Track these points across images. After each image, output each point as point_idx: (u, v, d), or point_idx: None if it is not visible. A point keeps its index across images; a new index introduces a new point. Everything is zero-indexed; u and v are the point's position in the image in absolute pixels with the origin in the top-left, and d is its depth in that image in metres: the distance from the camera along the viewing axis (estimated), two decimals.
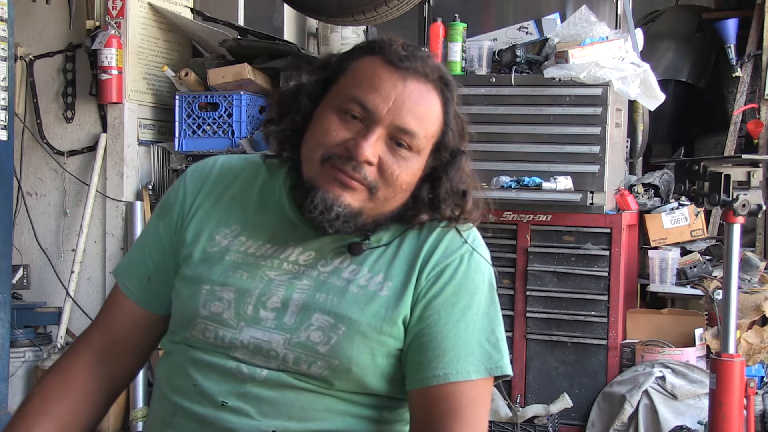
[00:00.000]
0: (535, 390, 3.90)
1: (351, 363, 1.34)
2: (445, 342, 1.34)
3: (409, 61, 1.34)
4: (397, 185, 1.35)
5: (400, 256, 1.39)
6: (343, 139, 1.33)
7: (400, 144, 1.34)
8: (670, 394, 3.59)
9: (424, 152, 1.37)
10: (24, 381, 4.22)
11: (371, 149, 1.32)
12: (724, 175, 2.83)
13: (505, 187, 3.79)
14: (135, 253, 1.53)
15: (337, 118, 1.34)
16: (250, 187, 1.47)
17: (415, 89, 1.34)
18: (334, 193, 1.32)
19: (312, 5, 3.89)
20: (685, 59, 5.06)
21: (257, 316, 1.36)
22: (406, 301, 1.36)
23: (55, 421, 1.44)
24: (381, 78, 1.34)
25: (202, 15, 4.76)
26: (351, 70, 1.37)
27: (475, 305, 1.37)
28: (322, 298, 1.35)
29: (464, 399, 1.33)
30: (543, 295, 3.89)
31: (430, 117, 1.35)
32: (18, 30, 4.14)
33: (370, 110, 1.32)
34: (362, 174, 1.32)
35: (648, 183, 4.24)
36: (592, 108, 3.80)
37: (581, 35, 3.90)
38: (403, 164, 1.34)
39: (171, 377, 1.42)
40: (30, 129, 4.48)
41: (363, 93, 1.33)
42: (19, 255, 4.39)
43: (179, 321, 1.43)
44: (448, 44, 4.07)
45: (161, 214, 1.50)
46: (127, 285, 1.50)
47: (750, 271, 3.85)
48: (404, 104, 1.33)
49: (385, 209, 1.37)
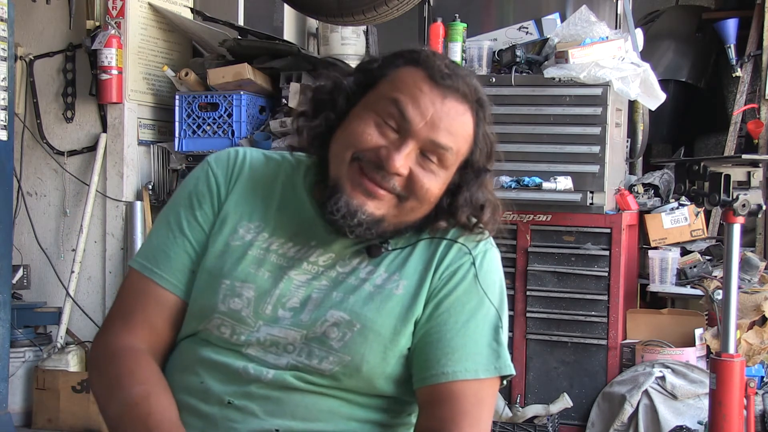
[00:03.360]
0: (535, 390, 3.90)
1: (363, 361, 1.35)
2: (454, 340, 1.36)
3: (450, 79, 1.36)
4: (425, 198, 1.37)
5: (415, 255, 1.41)
6: (377, 145, 1.34)
7: (431, 159, 1.35)
8: (670, 394, 3.59)
9: (452, 169, 1.39)
10: (24, 381, 4.22)
11: (403, 161, 1.33)
12: (724, 175, 2.83)
13: (505, 187, 3.79)
14: (168, 245, 1.44)
15: (374, 123, 1.35)
16: (272, 183, 1.47)
17: (452, 108, 1.36)
18: (359, 200, 1.34)
19: (312, 5, 3.89)
20: (685, 59, 5.06)
21: (275, 315, 1.37)
22: (421, 300, 1.37)
23: (167, 392, 1.38)
24: (422, 91, 1.35)
25: (202, 15, 4.76)
26: (392, 78, 1.38)
27: (485, 305, 1.39)
28: (339, 296, 1.37)
29: (472, 398, 1.34)
30: (543, 295, 3.89)
31: (462, 135, 1.38)
32: (18, 30, 4.15)
33: (407, 120, 1.34)
34: (391, 184, 1.34)
35: (648, 183, 4.24)
36: (592, 108, 3.80)
37: (581, 35, 3.90)
38: (432, 178, 1.36)
39: (179, 374, 1.42)
40: (30, 129, 4.48)
41: (403, 103, 1.34)
42: (19, 255, 4.39)
43: (196, 313, 1.41)
44: (448, 44, 4.07)
45: (195, 204, 1.45)
46: (167, 278, 1.42)
47: (750, 271, 3.85)
48: (441, 121, 1.35)
49: (409, 219, 1.39)
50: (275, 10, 5.33)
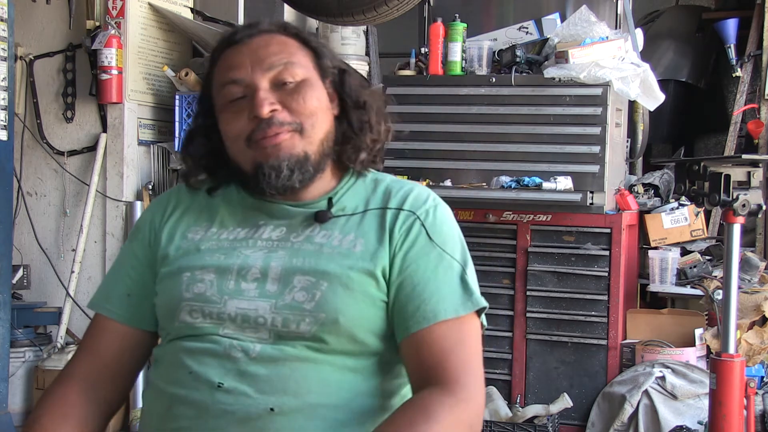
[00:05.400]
0: (535, 390, 3.90)
1: (337, 313, 1.37)
2: (428, 287, 1.40)
3: (249, 29, 1.49)
4: (309, 110, 1.44)
5: (367, 221, 1.46)
6: (245, 119, 1.43)
7: (285, 82, 1.44)
8: (670, 394, 3.59)
9: (312, 79, 1.47)
10: (24, 381, 4.22)
11: (264, 103, 1.42)
12: (724, 175, 2.83)
13: (505, 187, 3.79)
14: (110, 279, 1.58)
15: (229, 111, 1.45)
16: (207, 198, 1.55)
17: (261, 41, 1.47)
18: (273, 155, 1.42)
19: (312, 5, 3.89)
20: (685, 59, 5.06)
21: (239, 288, 1.41)
22: (382, 255, 1.42)
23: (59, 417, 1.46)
24: (233, 56, 1.47)
25: (202, 15, 4.76)
26: (215, 74, 1.50)
27: (448, 249, 1.44)
28: (299, 261, 1.42)
29: (455, 337, 1.38)
30: (543, 295, 3.89)
31: (287, 48, 1.47)
32: (18, 30, 4.14)
33: (240, 81, 1.44)
34: (277, 122, 1.42)
35: (648, 183, 4.24)
36: (592, 108, 3.80)
37: (581, 35, 3.90)
38: (299, 93, 1.44)
39: (166, 373, 1.44)
40: (30, 129, 4.47)
41: (227, 77, 1.46)
42: (19, 255, 4.39)
43: (166, 314, 1.47)
44: (448, 44, 4.07)
45: (132, 238, 1.58)
46: (106, 307, 1.54)
47: (750, 271, 3.85)
48: (258, 54, 1.45)
49: (319, 137, 1.46)
50: (275, 10, 5.33)
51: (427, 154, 4.02)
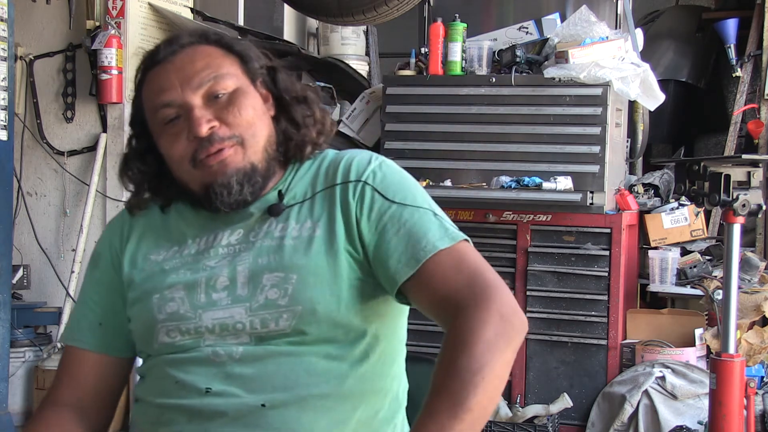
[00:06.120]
0: (535, 390, 3.90)
1: (314, 303, 1.37)
2: (414, 229, 1.38)
3: (169, 46, 1.46)
4: (246, 121, 1.43)
5: (317, 203, 1.45)
6: (185, 140, 1.42)
7: (218, 95, 1.43)
8: (670, 394, 3.59)
9: (243, 86, 1.45)
10: (24, 381, 4.22)
11: (202, 120, 1.40)
12: (724, 175, 2.83)
13: (505, 187, 3.79)
14: (78, 311, 1.57)
15: (167, 134, 1.44)
16: (162, 216, 1.54)
17: (185, 57, 1.45)
18: (220, 172, 1.41)
19: (312, 5, 3.89)
20: (685, 59, 5.06)
21: (211, 299, 1.41)
22: (343, 233, 1.40)
23: None
24: (159, 77, 1.45)
25: (202, 15, 4.76)
26: (143, 98, 1.47)
27: (409, 201, 1.41)
28: (264, 260, 1.41)
29: (456, 260, 1.36)
30: (543, 295, 3.89)
31: (213, 60, 1.45)
32: (18, 30, 4.14)
33: (172, 104, 1.42)
34: (217, 138, 1.41)
35: (648, 183, 4.24)
36: (592, 108, 3.80)
37: (581, 35, 3.90)
38: (233, 104, 1.43)
39: (152, 386, 1.44)
40: (30, 129, 4.47)
41: (158, 101, 1.43)
42: (19, 255, 4.39)
43: (143, 338, 1.47)
44: (448, 44, 4.07)
45: (93, 265, 1.57)
46: (78, 338, 1.53)
47: (750, 271, 3.85)
48: (185, 71, 1.43)
49: (261, 144, 1.45)
50: (275, 10, 5.34)
51: (427, 154, 4.02)
